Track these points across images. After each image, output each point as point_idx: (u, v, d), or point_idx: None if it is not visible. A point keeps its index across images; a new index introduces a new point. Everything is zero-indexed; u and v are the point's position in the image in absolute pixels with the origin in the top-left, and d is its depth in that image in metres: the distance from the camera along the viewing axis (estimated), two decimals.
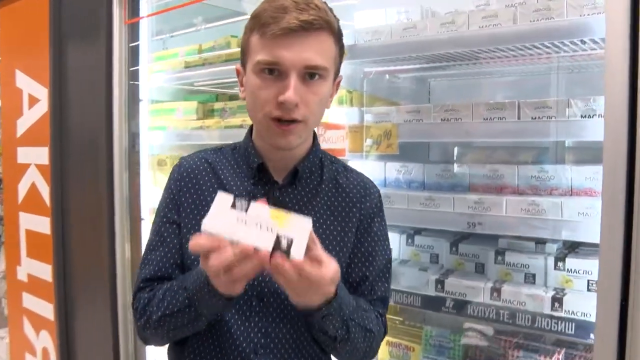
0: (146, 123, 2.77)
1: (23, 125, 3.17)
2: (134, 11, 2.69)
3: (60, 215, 2.92)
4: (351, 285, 1.33)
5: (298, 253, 1.00)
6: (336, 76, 1.30)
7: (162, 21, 2.86)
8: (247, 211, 1.03)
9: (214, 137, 2.49)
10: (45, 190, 3.01)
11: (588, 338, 1.61)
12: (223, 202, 1.04)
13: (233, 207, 1.03)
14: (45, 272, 3.04)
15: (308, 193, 1.34)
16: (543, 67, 2.08)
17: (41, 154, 3.01)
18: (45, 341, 3.12)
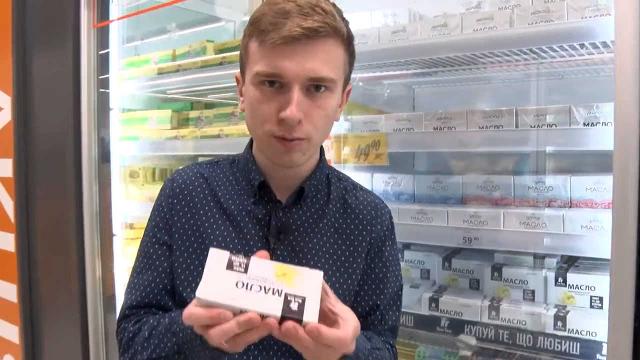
0: (117, 133, 2.63)
1: None
2: (104, 14, 2.55)
3: (25, 231, 2.76)
4: (360, 314, 1.19)
5: (312, 315, 0.87)
6: (346, 84, 1.17)
7: (134, 27, 2.72)
8: (248, 270, 0.89)
9: (190, 148, 2.36)
10: (8, 204, 2.84)
11: (595, 359, 1.52)
12: (218, 261, 0.90)
13: (230, 268, 0.89)
14: (9, 292, 2.86)
15: (314, 214, 1.21)
16: (534, 73, 2.00)
17: (4, 166, 2.84)
18: None
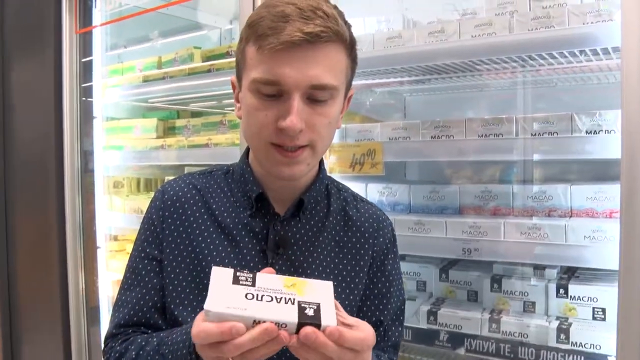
0: (101, 142, 2.56)
1: None
2: (86, 20, 2.48)
3: (4, 242, 2.68)
4: None
5: (330, 319, 0.82)
6: (347, 90, 1.12)
7: (117, 34, 2.66)
8: (255, 283, 0.85)
9: (176, 157, 2.29)
10: None
11: None
12: (222, 278, 0.84)
13: (236, 283, 0.84)
14: None
15: (314, 227, 1.15)
16: (530, 80, 1.98)
17: None
18: None
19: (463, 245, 1.63)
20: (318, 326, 0.80)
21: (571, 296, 1.61)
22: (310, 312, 0.82)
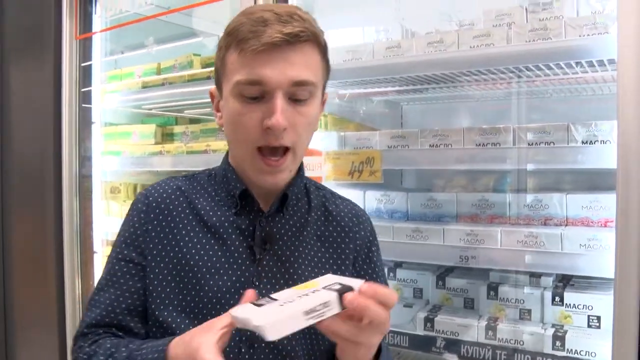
0: (99, 147, 2.56)
1: None
2: (86, 26, 2.49)
3: (0, 247, 2.65)
4: None
5: (356, 283, 0.87)
6: (323, 93, 1.15)
7: (116, 40, 2.67)
8: (277, 299, 0.86)
9: (174, 163, 2.30)
10: None
11: None
12: (247, 311, 0.85)
13: (261, 305, 0.85)
14: None
15: (297, 222, 1.19)
16: (524, 91, 2.00)
17: None
18: None
19: (460, 252, 1.65)
20: (352, 289, 0.85)
21: (566, 304, 1.63)
22: (337, 287, 0.86)
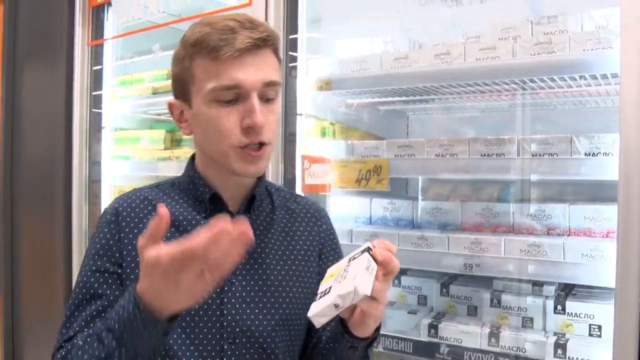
0: (109, 152, 2.60)
1: None
2: (98, 32, 2.53)
3: (9, 251, 2.70)
4: None
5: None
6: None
7: (126, 46, 2.71)
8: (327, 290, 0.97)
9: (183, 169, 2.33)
10: None
11: None
12: (323, 301, 0.97)
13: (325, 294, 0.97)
14: None
15: (263, 221, 1.25)
16: (529, 102, 2.04)
17: None
18: None
19: (464, 260, 1.68)
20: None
21: (568, 312, 1.66)
22: (362, 250, 1.01)
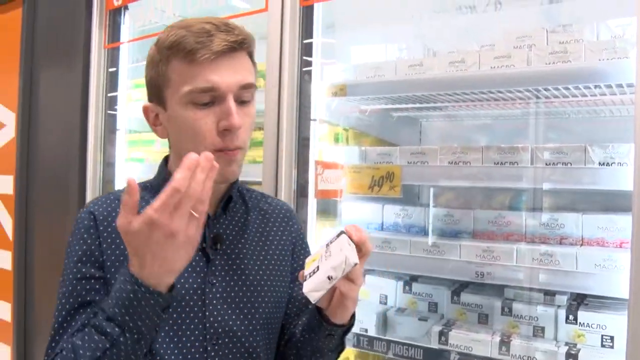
0: (123, 154, 2.62)
1: None
2: (115, 36, 2.55)
3: (23, 250, 2.72)
4: (295, 313, 1.30)
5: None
6: None
7: (142, 49, 2.73)
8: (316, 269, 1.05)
9: None
10: (7, 222, 2.81)
11: None
12: (314, 279, 1.04)
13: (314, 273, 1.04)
14: (3, 312, 2.82)
15: (238, 222, 1.26)
16: (542, 111, 2.03)
17: (5, 183, 2.82)
18: None
19: (476, 268, 1.68)
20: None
21: (580, 323, 1.65)
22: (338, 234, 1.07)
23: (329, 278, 0.99)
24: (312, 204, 1.93)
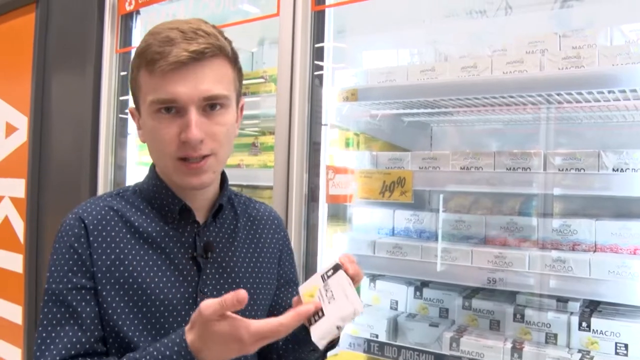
0: (134, 158, 2.62)
1: None
2: (127, 40, 2.56)
3: (34, 253, 2.73)
4: (282, 313, 1.31)
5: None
6: (238, 100, 1.20)
7: None
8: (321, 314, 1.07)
9: None
10: (19, 225, 2.82)
11: None
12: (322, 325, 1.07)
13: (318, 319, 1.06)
14: (14, 314, 2.82)
15: (228, 229, 1.25)
16: (555, 116, 2.02)
17: (17, 186, 2.84)
18: None
19: (488, 274, 1.67)
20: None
21: (594, 330, 1.64)
22: (333, 269, 1.11)
23: (338, 327, 1.01)
24: (323, 209, 1.92)
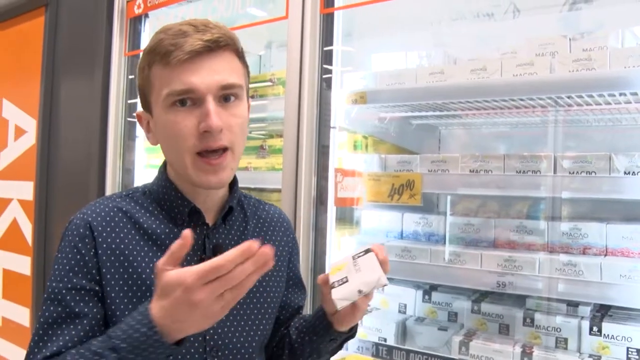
0: (142, 161, 2.63)
1: (7, 157, 3.00)
2: (135, 43, 2.57)
3: (42, 255, 2.73)
4: (287, 317, 1.34)
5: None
6: (248, 98, 1.18)
7: None
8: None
9: None
10: (27, 227, 2.83)
11: None
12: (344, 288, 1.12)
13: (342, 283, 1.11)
14: (22, 316, 2.83)
15: (237, 231, 1.23)
16: (564, 118, 2.01)
17: (25, 189, 2.84)
18: None
19: (497, 278, 1.66)
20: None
21: (604, 334, 1.62)
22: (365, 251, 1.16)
23: (359, 291, 1.06)
24: (332, 212, 1.92)
